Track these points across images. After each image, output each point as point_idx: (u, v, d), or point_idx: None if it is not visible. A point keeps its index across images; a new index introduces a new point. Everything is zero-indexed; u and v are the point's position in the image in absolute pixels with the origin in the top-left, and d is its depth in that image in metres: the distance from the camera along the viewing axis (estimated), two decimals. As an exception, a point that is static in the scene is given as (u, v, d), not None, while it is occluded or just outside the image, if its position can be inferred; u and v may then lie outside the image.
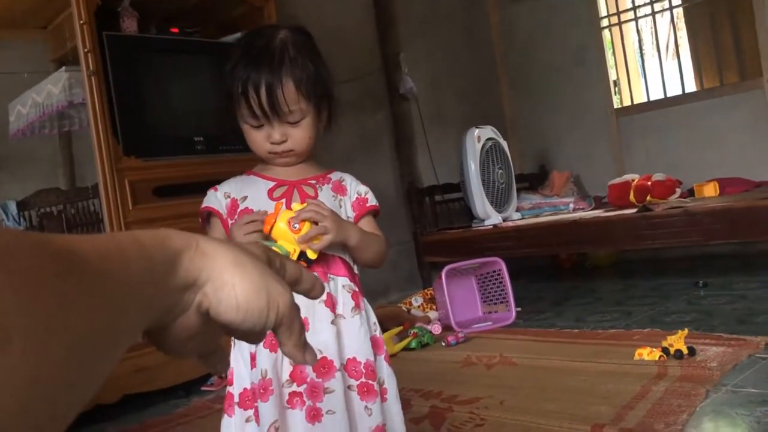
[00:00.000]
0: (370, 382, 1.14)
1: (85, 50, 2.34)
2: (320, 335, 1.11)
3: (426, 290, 3.46)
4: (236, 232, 1.11)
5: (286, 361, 1.10)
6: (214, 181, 1.28)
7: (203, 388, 2.49)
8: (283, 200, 1.17)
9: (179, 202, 2.48)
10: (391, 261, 3.92)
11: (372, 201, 1.27)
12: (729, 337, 2.14)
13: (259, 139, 1.18)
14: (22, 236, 0.32)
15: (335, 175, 1.27)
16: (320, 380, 1.10)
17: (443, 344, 2.69)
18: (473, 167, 3.74)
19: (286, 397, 1.10)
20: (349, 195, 1.26)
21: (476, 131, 3.80)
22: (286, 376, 1.11)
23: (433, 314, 3.16)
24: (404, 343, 2.70)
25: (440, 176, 4.13)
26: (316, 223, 1.08)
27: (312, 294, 0.57)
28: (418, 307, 3.30)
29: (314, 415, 1.09)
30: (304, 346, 0.52)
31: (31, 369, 0.29)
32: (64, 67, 2.54)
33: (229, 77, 1.17)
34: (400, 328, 2.87)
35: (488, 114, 4.61)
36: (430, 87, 4.35)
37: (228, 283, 0.45)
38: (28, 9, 2.68)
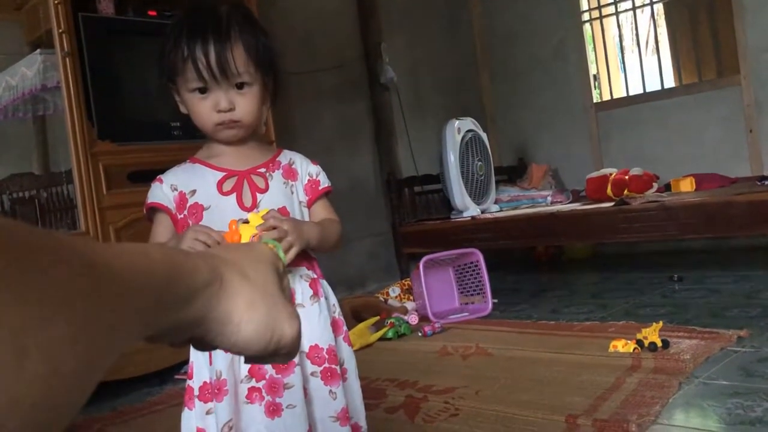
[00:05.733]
0: (333, 366, 1.13)
1: (60, 31, 2.29)
2: None
3: (404, 281, 3.46)
4: (188, 237, 1.05)
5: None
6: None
7: (177, 377, 2.47)
8: (239, 219, 1.09)
9: (154, 188, 2.44)
10: (369, 251, 3.92)
11: (325, 182, 1.23)
12: (702, 331, 2.17)
13: (206, 109, 1.14)
14: (64, 244, 0.32)
15: (284, 157, 1.23)
16: (279, 376, 1.09)
17: (420, 334, 2.69)
18: (453, 159, 3.74)
19: (245, 393, 1.08)
20: (301, 178, 1.22)
21: (456, 123, 3.79)
22: (244, 372, 1.09)
23: (410, 305, 3.16)
24: (381, 333, 2.69)
25: (420, 167, 4.12)
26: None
27: None
28: (396, 297, 3.29)
29: (273, 410, 1.08)
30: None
31: (45, 386, 0.29)
32: (38, 50, 2.49)
33: (172, 49, 1.11)
34: (377, 318, 2.87)
35: (468, 106, 4.61)
36: (410, 77, 4.34)
37: (234, 323, 0.48)
38: (1, -11, 2.63)
